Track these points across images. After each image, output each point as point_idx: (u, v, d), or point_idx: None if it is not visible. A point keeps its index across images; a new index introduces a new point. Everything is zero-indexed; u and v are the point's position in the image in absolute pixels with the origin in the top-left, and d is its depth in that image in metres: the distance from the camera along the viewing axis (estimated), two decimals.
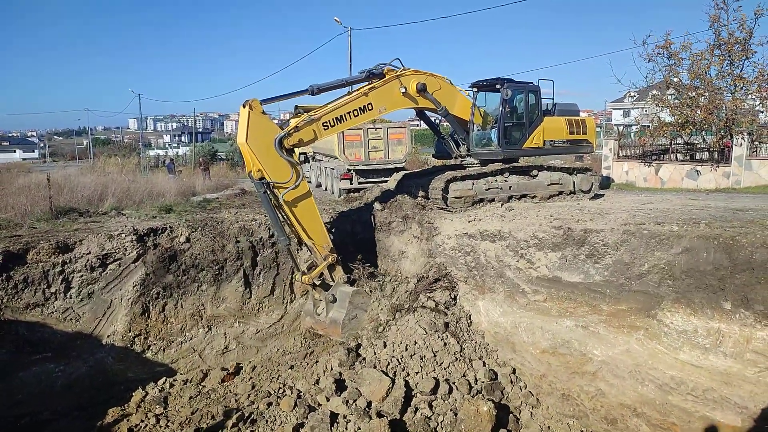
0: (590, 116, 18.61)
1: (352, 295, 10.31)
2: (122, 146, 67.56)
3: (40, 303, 8.81)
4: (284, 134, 9.63)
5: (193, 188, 19.88)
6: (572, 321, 9.63)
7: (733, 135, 18.72)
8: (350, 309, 10.26)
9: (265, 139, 9.41)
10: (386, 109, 11.53)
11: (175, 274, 10.03)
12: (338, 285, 10.49)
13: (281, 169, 9.55)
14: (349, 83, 11.22)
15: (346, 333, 10.29)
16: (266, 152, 9.41)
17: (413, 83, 11.69)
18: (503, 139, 13.02)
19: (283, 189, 9.55)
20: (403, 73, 11.66)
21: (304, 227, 10.04)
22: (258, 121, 9.40)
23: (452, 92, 12.91)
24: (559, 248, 10.11)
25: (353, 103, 10.93)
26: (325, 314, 10.45)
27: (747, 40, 18.81)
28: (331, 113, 10.64)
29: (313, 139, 10.31)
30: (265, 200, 9.48)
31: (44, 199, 11.97)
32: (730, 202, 12.68)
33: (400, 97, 11.68)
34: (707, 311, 8.22)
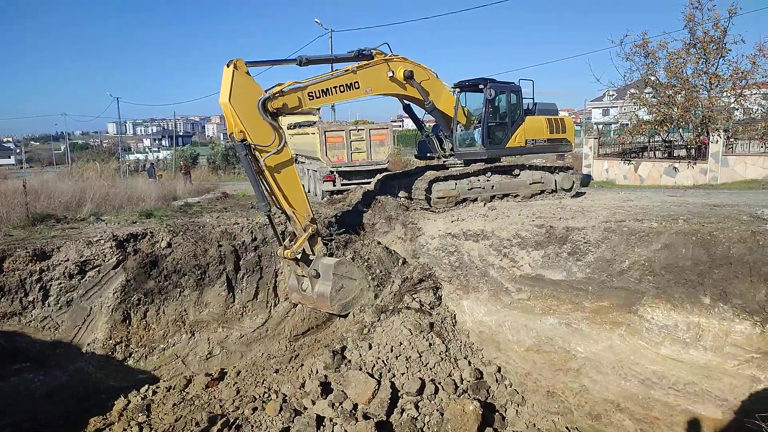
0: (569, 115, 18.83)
1: (335, 266, 10.10)
2: (101, 151, 66.56)
3: (18, 312, 8.63)
4: (269, 96, 9.49)
5: (174, 192, 19.68)
6: (555, 318, 9.71)
7: (710, 132, 19.09)
8: (335, 280, 10.10)
9: (249, 99, 9.26)
10: (372, 90, 11.51)
11: (157, 279, 9.90)
12: (319, 258, 10.29)
13: (264, 132, 9.42)
14: (337, 59, 11.30)
15: (335, 304, 10.19)
16: (249, 113, 9.27)
17: (401, 69, 11.75)
18: (487, 138, 13.11)
19: (266, 153, 9.41)
20: (391, 58, 11.73)
21: (285, 195, 9.87)
22: (242, 80, 9.23)
23: (438, 85, 12.98)
24: (541, 246, 10.20)
25: (341, 78, 10.94)
26: (311, 289, 10.32)
27: (721, 38, 19.23)
28: (318, 84, 10.60)
29: (297, 106, 10.19)
30: (246, 163, 9.33)
31: (21, 206, 11.73)
32: (707, 198, 12.91)
33: (387, 81, 11.73)
34: (687, 306, 8.35)
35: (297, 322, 11.07)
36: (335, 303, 10.21)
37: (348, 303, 10.44)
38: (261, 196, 9.46)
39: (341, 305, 10.34)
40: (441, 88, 13.06)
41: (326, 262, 10.23)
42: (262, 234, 11.20)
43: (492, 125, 13.29)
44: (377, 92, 11.73)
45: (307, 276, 10.30)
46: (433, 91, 12.57)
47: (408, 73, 11.81)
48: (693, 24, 19.65)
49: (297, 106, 10.25)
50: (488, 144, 13.17)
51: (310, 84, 10.43)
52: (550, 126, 14.26)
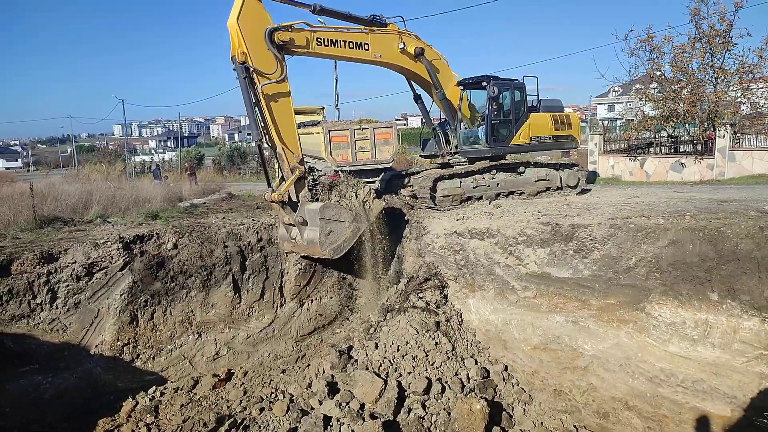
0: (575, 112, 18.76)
1: (320, 210, 9.93)
2: (107, 153, 66.82)
3: (26, 314, 8.68)
4: (277, 26, 9.53)
5: (179, 194, 19.70)
6: (562, 316, 9.68)
7: (716, 127, 18.93)
8: (323, 225, 9.92)
9: (257, 25, 9.30)
10: (381, 57, 11.63)
11: (163, 281, 9.93)
12: (304, 205, 10.15)
13: (267, 59, 9.42)
14: (351, 18, 11.33)
15: (326, 248, 10.03)
16: (254, 38, 9.27)
17: (413, 45, 11.98)
18: (491, 136, 13.09)
19: (265, 79, 9.40)
20: (404, 32, 11.94)
21: (278, 127, 9.73)
22: (253, 5, 9.27)
23: (448, 73, 13.12)
24: (547, 244, 10.16)
25: (353, 34, 11.11)
26: (301, 237, 10.23)
27: (727, 32, 19.03)
28: (329, 33, 10.77)
29: (304, 46, 10.23)
30: (243, 88, 9.27)
31: (28, 209, 11.78)
32: (714, 194, 12.83)
33: (396, 52, 11.89)
34: (695, 303, 8.30)
35: (303, 321, 11.10)
36: (326, 247, 10.00)
37: (339, 246, 10.21)
38: (255, 126, 9.40)
39: (332, 249, 10.11)
40: (450, 76, 13.11)
41: (311, 208, 10.06)
42: (268, 234, 11.22)
43: (496, 123, 13.25)
44: (385, 60, 11.77)
45: (294, 224, 10.14)
46: (442, 77, 12.65)
47: (419, 50, 12.02)
48: (698, 18, 19.47)
49: (303, 47, 10.24)
50: (492, 142, 13.14)
51: (322, 29, 10.54)
52: (556, 123, 14.20)
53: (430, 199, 12.62)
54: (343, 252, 10.34)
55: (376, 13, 11.52)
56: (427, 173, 13.36)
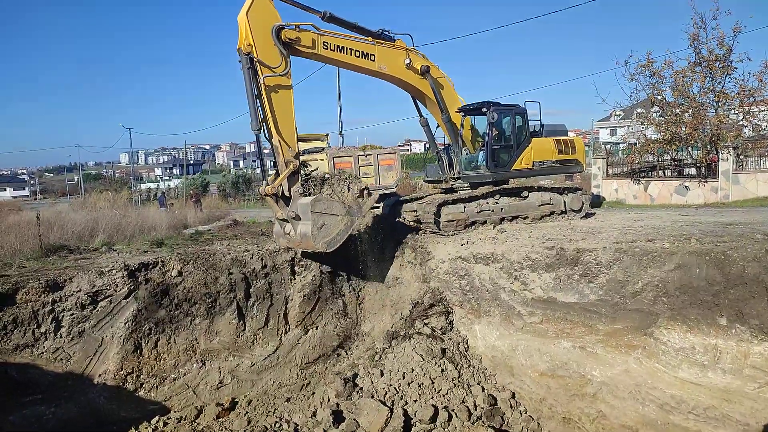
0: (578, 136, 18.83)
1: (311, 204, 9.97)
2: (113, 181, 67.44)
3: (30, 344, 8.64)
4: (285, 24, 10.00)
5: (184, 221, 19.79)
6: (569, 342, 9.58)
7: (719, 150, 18.99)
8: (315, 218, 9.97)
9: (265, 20, 9.76)
10: (386, 69, 11.94)
11: (168, 308, 9.91)
12: (296, 199, 10.18)
13: (271, 53, 9.81)
14: (359, 29, 11.78)
15: (319, 242, 10.07)
16: (261, 32, 9.70)
17: (419, 62, 12.31)
18: (491, 161, 13.17)
19: (268, 71, 9.71)
20: (412, 49, 12.31)
21: (276, 119, 9.92)
22: (262, 2, 9.77)
23: (453, 94, 13.32)
24: (552, 269, 10.11)
25: (360, 43, 11.47)
26: (294, 231, 10.28)
27: (727, 56, 19.25)
28: (337, 38, 11.17)
29: (310, 47, 10.61)
30: (246, 78, 9.55)
31: (34, 237, 11.85)
32: (719, 217, 12.79)
33: (402, 67, 12.22)
34: (703, 327, 8.21)
35: (308, 349, 11.01)
36: (318, 241, 10.04)
37: (333, 239, 10.26)
38: (254, 116, 9.65)
39: (326, 242, 10.16)
40: (455, 99, 13.30)
41: (303, 202, 10.11)
42: (272, 261, 11.21)
43: (496, 148, 13.37)
44: (390, 73, 12.05)
45: (287, 218, 10.21)
46: (447, 99, 12.84)
47: (425, 67, 12.34)
48: (698, 43, 19.75)
49: (310, 47, 10.62)
50: (493, 167, 13.23)
51: (330, 34, 10.95)
52: (559, 147, 14.28)
53: (435, 224, 12.63)
54: (336, 245, 10.38)
55: (385, 29, 11.91)
56: (431, 198, 13.41)
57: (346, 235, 10.54)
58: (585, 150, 18.55)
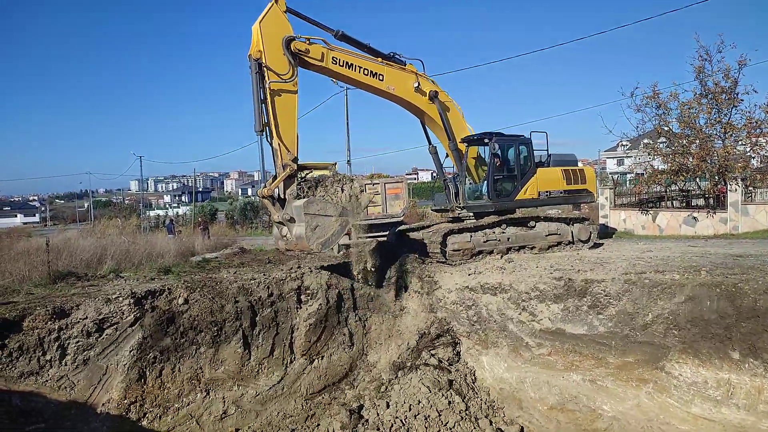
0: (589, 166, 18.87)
1: (304, 206, 10.27)
2: (123, 208, 68.05)
3: (35, 371, 8.60)
4: (295, 36, 10.66)
5: (192, 248, 19.86)
6: (579, 375, 9.42)
7: (727, 181, 18.92)
8: (309, 220, 10.25)
9: (277, 31, 10.42)
10: (394, 90, 12.30)
11: (173, 336, 9.86)
12: (290, 202, 10.49)
13: (280, 61, 10.42)
14: (371, 49, 12.19)
15: (313, 242, 10.34)
16: (272, 41, 10.34)
17: (428, 86, 12.66)
18: (493, 191, 13.29)
19: (274, 77, 10.26)
20: (422, 74, 12.65)
21: (277, 123, 10.36)
22: (276, 14, 10.47)
23: (461, 122, 13.49)
24: (560, 299, 10.02)
25: (370, 63, 11.92)
26: (290, 233, 10.53)
27: (733, 88, 19.34)
28: (347, 55, 11.69)
29: (318, 60, 11.17)
30: (253, 82, 10.16)
31: (43, 264, 11.92)
32: (729, 248, 12.67)
33: (410, 89, 12.58)
34: (716, 361, 8.06)
35: (313, 379, 10.87)
36: (313, 242, 10.33)
37: (327, 239, 10.57)
38: (258, 119, 10.22)
39: (320, 243, 10.47)
40: (463, 128, 13.48)
41: (296, 204, 10.44)
42: (279, 289, 11.18)
43: (498, 178, 13.50)
44: (398, 94, 12.41)
45: (283, 221, 10.49)
46: (455, 126, 13.08)
47: (433, 92, 12.67)
48: (703, 75, 19.88)
49: (318, 60, 11.17)
50: (495, 197, 13.31)
51: (340, 50, 11.53)
52: (568, 177, 14.28)
53: (441, 253, 12.60)
54: (331, 245, 10.86)
55: (396, 52, 12.33)
56: (438, 227, 13.42)
57: (341, 235, 10.95)
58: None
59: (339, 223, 10.67)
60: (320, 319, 11.12)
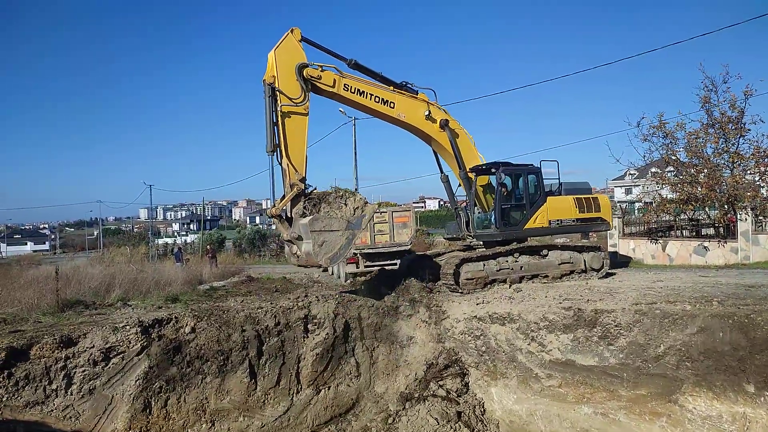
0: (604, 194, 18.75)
1: (310, 224, 10.58)
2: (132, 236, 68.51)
3: (41, 401, 8.55)
4: (308, 63, 11.28)
5: (200, 276, 19.92)
6: (590, 408, 9.23)
7: (737, 210, 18.79)
8: (315, 237, 10.54)
9: (290, 58, 11.07)
10: (405, 117, 12.70)
11: (179, 366, 9.80)
12: (296, 221, 10.75)
13: (292, 86, 10.99)
14: (383, 78, 12.57)
15: (321, 258, 10.67)
16: (285, 68, 10.95)
17: (439, 115, 12.95)
18: (500, 221, 13.39)
19: (286, 100, 10.79)
20: (434, 104, 12.98)
21: (287, 144, 10.84)
22: (291, 43, 11.13)
23: (473, 151, 13.64)
24: (570, 330, 9.90)
25: (381, 90, 12.32)
26: (300, 251, 10.91)
27: (740, 118, 19.36)
28: (359, 82, 12.14)
29: (330, 86, 11.63)
30: (267, 105, 10.75)
31: (51, 292, 11.97)
32: (740, 279, 12.52)
33: (421, 117, 12.88)
34: (730, 395, 7.88)
35: (320, 410, 10.72)
36: (321, 257, 10.66)
37: (335, 254, 10.84)
38: (270, 140, 10.72)
39: (328, 258, 10.81)
40: (474, 156, 13.56)
41: (302, 222, 10.73)
42: (286, 318, 11.14)
43: (506, 207, 13.60)
44: (409, 121, 12.72)
45: (291, 239, 10.79)
46: (465, 155, 13.26)
47: (444, 120, 12.95)
48: (709, 105, 19.94)
49: (330, 87, 11.65)
50: (502, 225, 13.36)
51: (352, 78, 11.99)
52: (580, 205, 14.26)
53: (454, 282, 12.58)
54: (340, 260, 11.26)
55: (408, 81, 12.66)
56: (451, 255, 13.42)
57: (348, 248, 11.23)
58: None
59: (345, 237, 10.94)
60: (327, 349, 11.03)
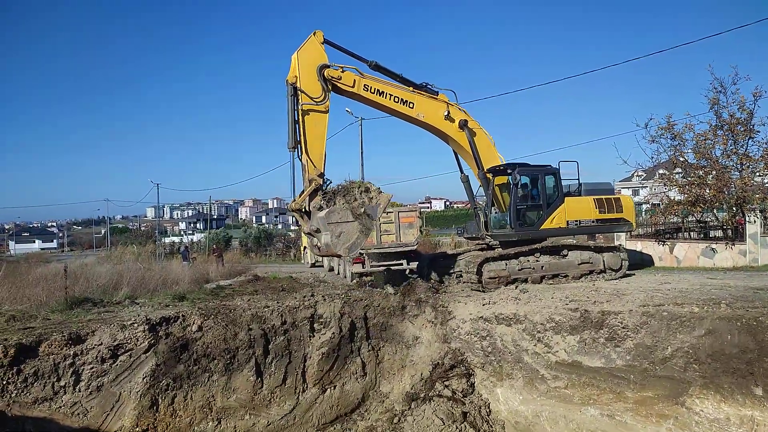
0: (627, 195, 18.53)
1: (327, 216, 11.15)
2: (139, 234, 68.84)
3: (49, 397, 8.63)
4: (329, 64, 11.96)
5: (206, 275, 20.00)
6: (597, 409, 9.20)
7: (745, 212, 18.66)
8: (333, 228, 11.10)
9: (312, 59, 11.76)
10: (424, 117, 13.02)
11: (186, 364, 9.86)
12: (314, 214, 11.24)
13: (313, 85, 11.68)
14: (404, 79, 12.95)
15: (340, 248, 11.26)
16: (308, 68, 11.65)
17: (459, 115, 13.10)
18: (516, 221, 13.33)
19: (307, 99, 11.48)
20: (454, 104, 13.18)
21: (306, 141, 11.52)
22: (313, 45, 11.85)
23: (491, 151, 13.73)
24: (577, 331, 9.87)
25: (400, 91, 12.79)
26: (320, 243, 11.50)
27: (749, 120, 19.22)
28: (379, 83, 12.61)
29: (350, 86, 12.22)
30: (289, 104, 11.49)
31: (60, 290, 12.07)
32: (749, 281, 12.45)
33: (440, 117, 13.11)
34: (738, 397, 7.84)
35: (325, 408, 10.75)
36: (339, 248, 11.26)
37: (353, 244, 11.46)
38: (292, 136, 11.45)
39: (346, 248, 11.40)
40: (494, 156, 13.68)
41: (320, 216, 11.27)
42: (292, 317, 11.18)
43: (521, 208, 13.51)
44: (428, 121, 13.01)
45: (312, 233, 11.39)
46: (484, 155, 13.39)
47: (463, 121, 13.10)
48: (718, 107, 19.81)
49: (350, 87, 12.23)
50: (518, 226, 13.33)
51: (372, 78, 12.50)
52: (601, 206, 14.17)
53: (477, 281, 12.72)
54: (357, 249, 11.87)
55: (428, 82, 12.92)
56: (474, 254, 13.54)
57: (366, 237, 11.95)
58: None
59: (361, 227, 11.46)
60: (333, 348, 11.06)
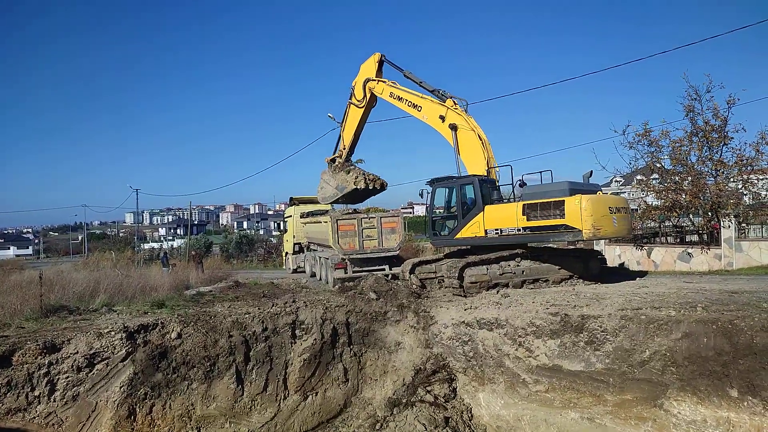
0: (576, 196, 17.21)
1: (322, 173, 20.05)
2: (117, 240, 67.72)
3: (23, 407, 8.42)
4: (372, 78, 17.19)
5: (186, 281, 19.74)
6: (577, 413, 9.28)
7: (720, 217, 19.07)
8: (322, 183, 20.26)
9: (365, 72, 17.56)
10: (426, 119, 15.49)
11: (165, 372, 9.70)
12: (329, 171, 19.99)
13: (359, 91, 17.58)
14: (422, 85, 15.98)
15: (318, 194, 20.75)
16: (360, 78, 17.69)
17: (453, 119, 14.70)
18: (431, 230, 15.29)
19: (354, 99, 17.88)
20: (455, 108, 14.77)
21: (345, 124, 18.55)
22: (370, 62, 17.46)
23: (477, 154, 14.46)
24: (557, 335, 9.95)
25: (414, 96, 15.99)
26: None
27: (723, 127, 19.69)
28: (399, 90, 16.41)
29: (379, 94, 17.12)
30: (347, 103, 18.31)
31: (35, 297, 11.78)
32: (724, 285, 12.68)
33: (438, 120, 14.99)
34: (714, 399, 7.97)
35: (307, 416, 10.67)
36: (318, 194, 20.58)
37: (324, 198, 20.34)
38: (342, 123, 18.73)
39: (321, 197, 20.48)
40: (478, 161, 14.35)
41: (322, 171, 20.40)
42: (273, 324, 11.09)
43: (435, 219, 15.37)
44: (429, 122, 15.44)
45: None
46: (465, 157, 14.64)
47: (452, 125, 14.57)
48: (693, 114, 20.26)
49: (379, 94, 17.08)
50: (433, 236, 15.25)
51: (395, 87, 16.56)
52: (532, 212, 12.57)
53: (459, 285, 13.04)
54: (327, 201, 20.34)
55: (441, 89, 15.31)
56: (456, 260, 13.64)
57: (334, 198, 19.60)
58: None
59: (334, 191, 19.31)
60: (315, 355, 10.99)
